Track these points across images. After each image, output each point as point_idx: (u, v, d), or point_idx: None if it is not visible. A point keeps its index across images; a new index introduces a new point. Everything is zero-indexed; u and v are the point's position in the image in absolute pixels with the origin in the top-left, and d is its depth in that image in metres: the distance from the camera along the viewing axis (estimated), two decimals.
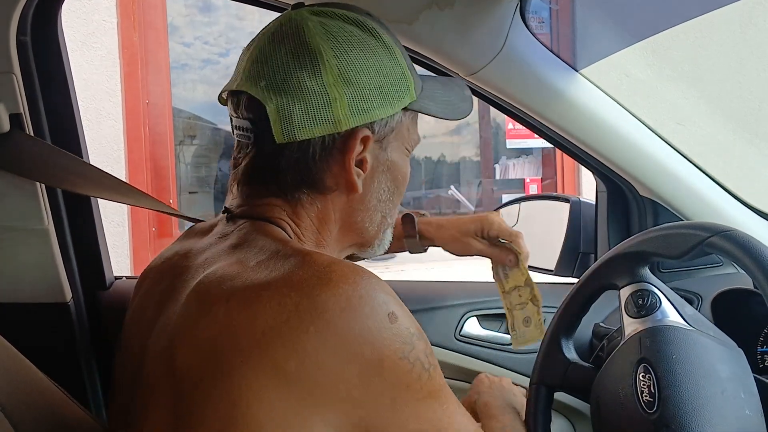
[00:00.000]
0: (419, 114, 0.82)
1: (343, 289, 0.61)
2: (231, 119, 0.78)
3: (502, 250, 1.07)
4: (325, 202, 0.76)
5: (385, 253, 0.90)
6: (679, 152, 1.23)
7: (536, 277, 1.37)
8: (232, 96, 0.77)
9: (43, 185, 1.07)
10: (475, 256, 1.10)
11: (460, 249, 1.10)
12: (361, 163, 0.75)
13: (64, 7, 1.15)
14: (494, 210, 1.54)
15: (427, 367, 0.64)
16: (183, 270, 0.75)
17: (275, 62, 0.72)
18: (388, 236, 0.85)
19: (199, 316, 0.66)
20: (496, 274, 1.09)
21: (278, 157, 0.73)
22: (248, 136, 0.75)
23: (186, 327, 0.67)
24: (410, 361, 0.62)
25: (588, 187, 4.19)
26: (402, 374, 0.62)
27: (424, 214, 1.15)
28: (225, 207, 0.79)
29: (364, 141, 0.74)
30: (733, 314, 1.01)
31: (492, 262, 1.10)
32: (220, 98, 0.81)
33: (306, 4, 0.78)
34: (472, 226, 1.08)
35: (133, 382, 0.75)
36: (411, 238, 1.12)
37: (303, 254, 0.67)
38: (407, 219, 1.12)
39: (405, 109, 0.77)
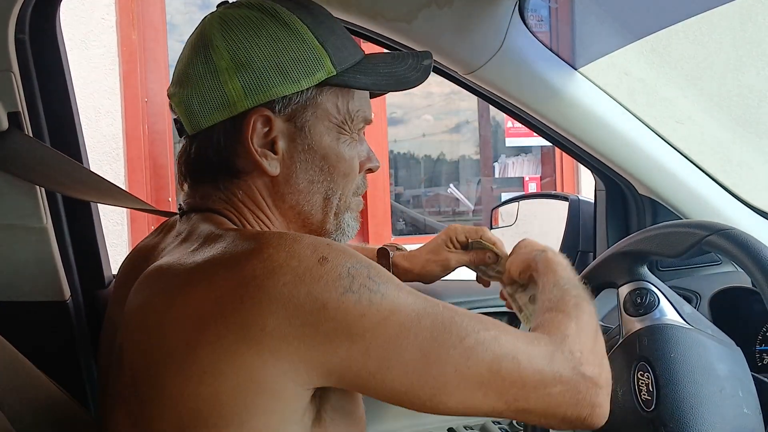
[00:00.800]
0: (378, 94, 0.81)
1: (268, 253, 0.61)
2: None
3: (477, 251, 1.05)
4: (247, 187, 0.76)
5: None
6: (678, 151, 1.23)
7: None
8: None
9: None
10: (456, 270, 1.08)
11: (439, 268, 1.07)
12: (273, 144, 0.74)
13: (63, 5, 1.14)
14: (493, 209, 1.55)
15: (376, 289, 0.62)
16: (145, 266, 0.76)
17: (182, 60, 0.75)
18: (348, 221, 0.82)
19: (141, 309, 0.67)
20: (487, 277, 1.06)
21: (192, 149, 0.75)
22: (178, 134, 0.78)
23: (130, 321, 0.68)
24: (355, 291, 0.61)
25: (587, 186, 4.19)
26: (351, 308, 0.60)
27: (400, 249, 1.13)
28: (179, 205, 0.80)
29: (268, 122, 0.73)
30: (731, 313, 1.01)
31: (475, 270, 1.07)
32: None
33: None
34: (439, 241, 1.07)
35: (106, 377, 0.76)
36: None
37: (233, 233, 0.68)
38: (382, 253, 1.12)
39: (324, 85, 0.75)
